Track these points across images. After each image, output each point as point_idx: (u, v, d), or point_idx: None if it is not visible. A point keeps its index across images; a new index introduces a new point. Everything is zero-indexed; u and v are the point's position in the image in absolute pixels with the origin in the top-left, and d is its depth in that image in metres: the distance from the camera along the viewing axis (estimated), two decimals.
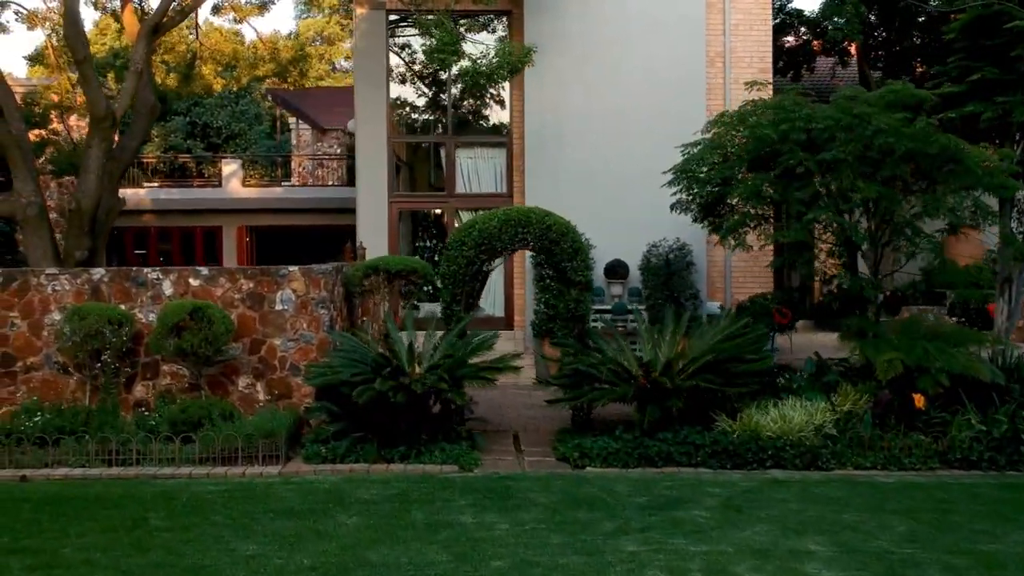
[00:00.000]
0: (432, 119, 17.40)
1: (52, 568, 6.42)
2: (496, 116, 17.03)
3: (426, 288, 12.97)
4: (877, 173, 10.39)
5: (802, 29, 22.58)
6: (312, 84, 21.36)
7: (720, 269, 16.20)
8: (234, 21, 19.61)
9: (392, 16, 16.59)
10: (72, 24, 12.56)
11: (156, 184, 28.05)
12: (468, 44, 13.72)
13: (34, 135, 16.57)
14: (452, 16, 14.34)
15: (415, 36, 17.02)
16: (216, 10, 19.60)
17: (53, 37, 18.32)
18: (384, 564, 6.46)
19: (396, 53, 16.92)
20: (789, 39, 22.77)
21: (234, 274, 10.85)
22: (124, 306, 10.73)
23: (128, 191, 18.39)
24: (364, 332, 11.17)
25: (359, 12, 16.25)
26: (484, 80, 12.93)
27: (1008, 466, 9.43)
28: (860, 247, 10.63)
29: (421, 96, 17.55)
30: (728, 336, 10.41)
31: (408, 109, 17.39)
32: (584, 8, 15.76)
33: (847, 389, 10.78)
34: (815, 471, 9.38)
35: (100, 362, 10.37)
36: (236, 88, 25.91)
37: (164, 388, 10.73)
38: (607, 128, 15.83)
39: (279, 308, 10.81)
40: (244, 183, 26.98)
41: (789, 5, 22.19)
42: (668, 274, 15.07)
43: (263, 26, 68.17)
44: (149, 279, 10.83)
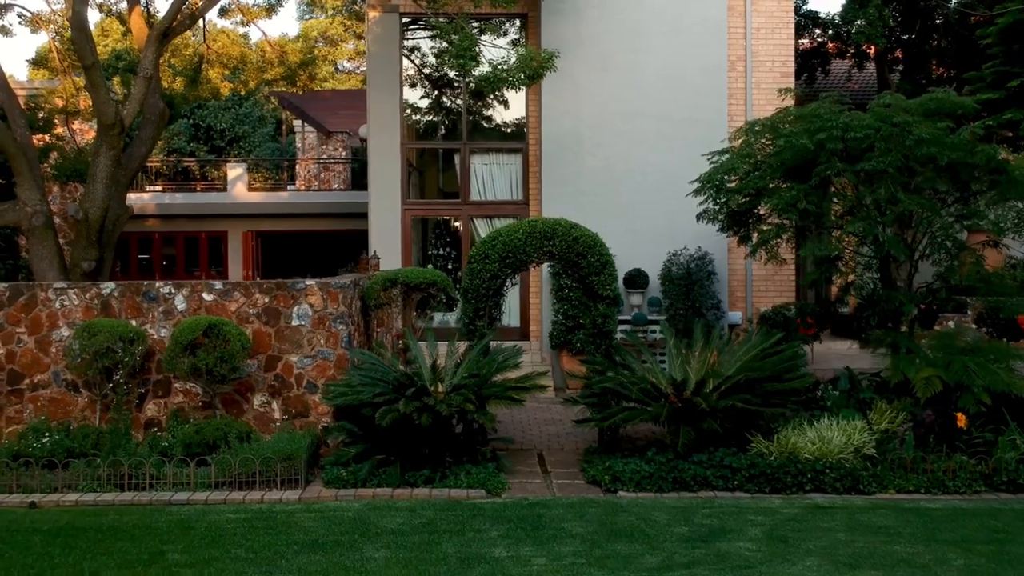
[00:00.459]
0: (446, 125, 17.01)
1: None
2: (512, 122, 16.64)
3: (440, 298, 12.57)
4: (916, 184, 10.03)
5: (816, 32, 22.22)
6: (317, 86, 20.95)
7: (740, 278, 15.82)
8: (241, 24, 19.16)
9: (405, 19, 16.19)
10: (79, 29, 12.17)
11: (159, 188, 27.65)
12: (484, 48, 13.28)
13: (37, 139, 16.17)
14: (467, 19, 13.98)
15: (430, 39, 16.66)
16: (223, 12, 19.23)
17: (57, 40, 17.92)
18: None
19: (408, 57, 16.52)
20: (803, 41, 22.39)
21: (249, 288, 10.47)
22: (135, 321, 10.36)
23: (132, 196, 17.97)
24: (384, 348, 10.79)
25: (372, 15, 15.87)
26: (506, 86, 12.54)
27: None
28: (899, 260, 10.25)
29: (435, 101, 17.16)
30: (763, 353, 10.04)
31: (422, 114, 17.00)
32: (602, 11, 15.38)
33: (882, 406, 10.43)
34: (856, 495, 9.02)
35: (111, 381, 10.00)
36: (244, 92, 25.52)
37: (176, 406, 10.36)
38: (625, 134, 15.45)
39: (296, 323, 10.43)
40: (250, 187, 26.57)
41: (804, 7, 21.82)
42: (689, 284, 14.69)
43: (269, 29, 67.94)
44: (161, 294, 10.46)
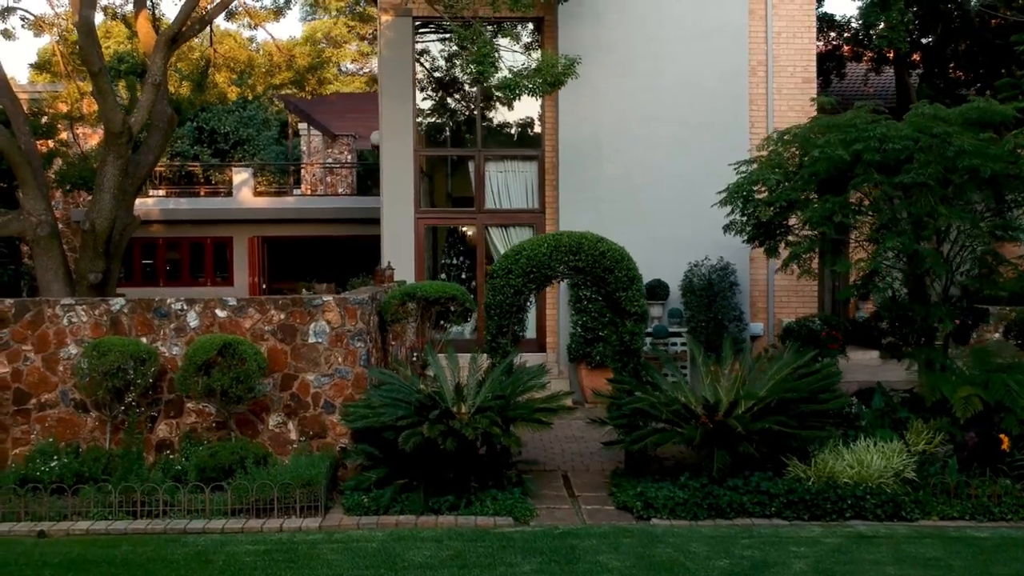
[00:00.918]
0: (460, 131, 16.64)
1: None
2: (528, 128, 16.27)
3: (454, 310, 12.23)
4: (957, 197, 9.68)
5: (832, 35, 21.86)
6: (325, 91, 20.60)
7: (762, 289, 15.45)
8: (248, 27, 18.81)
9: (418, 24, 15.82)
10: (86, 35, 11.80)
11: (163, 193, 27.29)
12: (501, 53, 12.91)
13: (40, 144, 15.80)
14: (480, 24, 13.61)
15: (444, 44, 16.30)
16: (230, 15, 18.85)
17: (61, 44, 17.55)
18: None
19: (420, 62, 16.15)
20: (818, 44, 22.02)
21: (264, 304, 10.10)
22: (146, 339, 10.00)
23: (136, 201, 17.53)
24: (402, 365, 10.43)
25: (384, 19, 15.50)
26: (526, 93, 12.17)
27: None
28: (938, 275, 9.90)
29: (449, 107, 16.80)
30: (798, 373, 9.68)
31: (435, 120, 16.62)
32: (621, 16, 15.01)
33: (918, 426, 10.08)
34: (899, 522, 8.67)
35: (122, 402, 9.64)
36: (251, 97, 25.14)
37: (189, 427, 10.00)
38: (644, 140, 15.09)
39: (312, 341, 10.07)
40: (255, 192, 26.22)
41: (819, 9, 21.43)
42: (711, 296, 14.32)
43: (275, 33, 67.48)
44: (172, 310, 10.09)
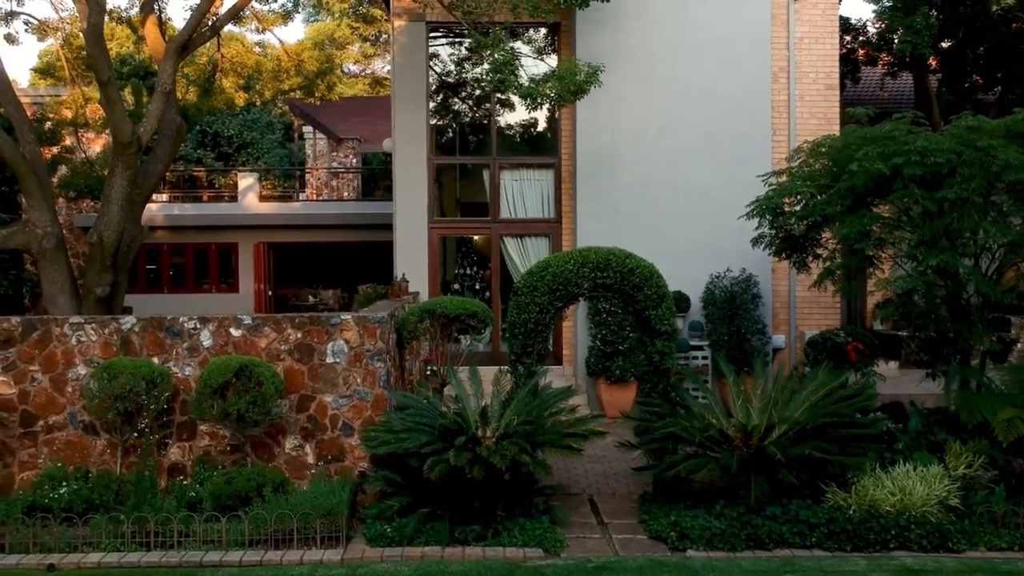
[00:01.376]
0: (475, 138, 16.27)
1: None
2: (544, 136, 15.91)
3: (474, 326, 11.89)
4: (1000, 213, 9.33)
5: (847, 38, 21.51)
6: (334, 96, 20.27)
7: (784, 300, 15.10)
8: (257, 31, 18.43)
9: (431, 28, 15.47)
10: (95, 43, 11.43)
11: (166, 198, 26.91)
12: (522, 62, 12.57)
13: (44, 151, 15.42)
14: (495, 29, 13.26)
15: (459, 50, 15.95)
16: (237, 19, 18.46)
17: (66, 48, 17.18)
18: None
19: (433, 68, 15.78)
20: None
21: (280, 323, 9.75)
22: (157, 359, 9.64)
23: (143, 211, 17.19)
24: (424, 387, 10.09)
25: (397, 24, 15.14)
26: (548, 102, 11.82)
27: None
28: (980, 294, 9.55)
29: (463, 114, 16.44)
30: (837, 395, 9.32)
31: (449, 128, 16.25)
32: (641, 21, 14.66)
33: (957, 448, 9.74)
34: (945, 554, 8.32)
35: (133, 426, 9.28)
36: (260, 102, 24.78)
37: (203, 450, 9.64)
38: (664, 148, 14.75)
39: (330, 361, 9.71)
40: (261, 198, 25.85)
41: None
42: (733, 309, 13.99)
43: (279, 35, 67.04)
44: (185, 329, 9.73)
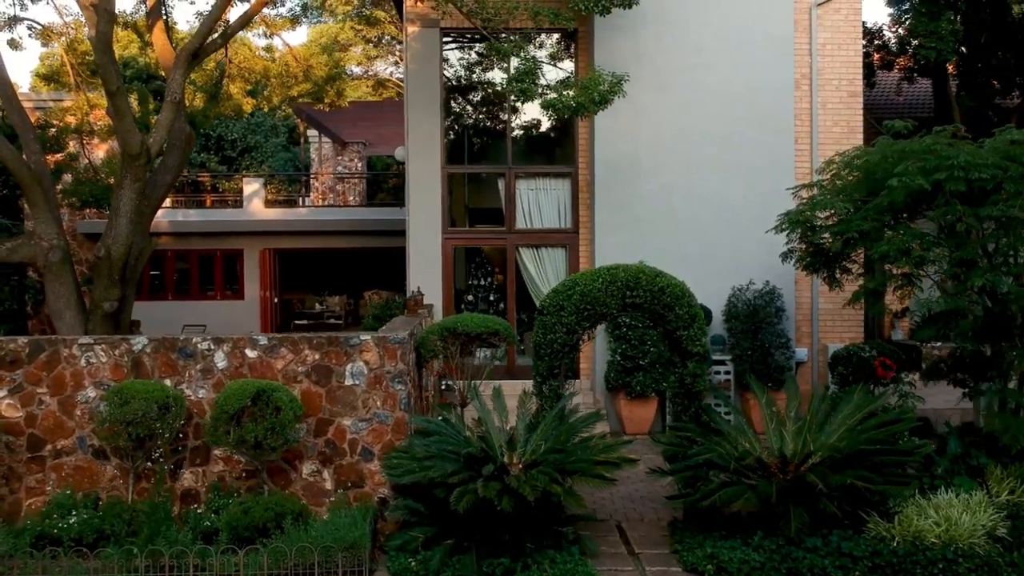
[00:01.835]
0: (490, 147, 15.90)
1: None
2: (561, 145, 15.55)
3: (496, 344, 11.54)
4: None
5: (862, 42, 21.16)
6: (340, 101, 19.89)
7: (806, 312, 14.75)
8: (265, 35, 18.06)
9: (445, 35, 15.11)
10: (104, 52, 11.06)
11: (170, 204, 26.54)
12: (543, 71, 12.20)
13: (48, 158, 15.04)
14: (510, 36, 12.92)
15: (474, 57, 15.60)
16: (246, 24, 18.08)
17: (70, 54, 16.81)
18: None
19: (448, 76, 15.41)
20: None
21: (297, 344, 9.39)
22: (170, 380, 9.29)
23: (151, 222, 16.84)
24: (447, 410, 9.73)
25: (411, 30, 14.77)
26: (572, 113, 11.46)
27: None
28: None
29: (478, 122, 16.09)
30: (877, 419, 8.97)
31: (463, 136, 15.88)
32: (660, 27, 14.30)
33: (998, 473, 9.40)
34: None
35: (145, 453, 8.94)
36: (268, 108, 24.40)
37: (217, 476, 9.29)
38: (685, 158, 14.40)
39: (349, 383, 9.35)
40: (267, 203, 25.49)
41: None
42: (756, 322, 13.65)
43: (284, 38, 66.47)
44: (199, 350, 9.38)
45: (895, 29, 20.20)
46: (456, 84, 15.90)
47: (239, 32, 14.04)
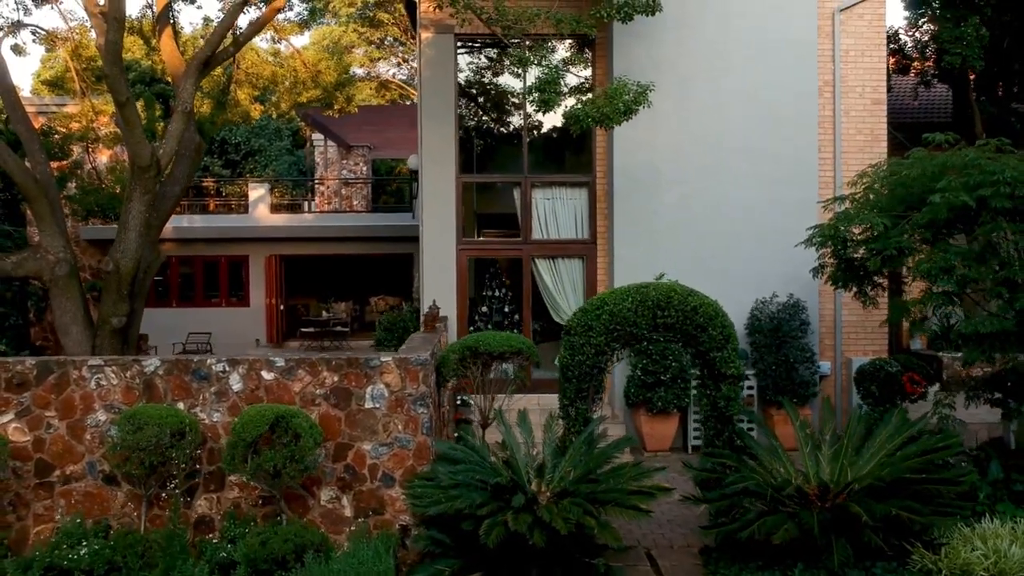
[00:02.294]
0: (506, 156, 15.53)
1: None
2: (578, 153, 15.19)
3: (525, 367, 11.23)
4: None
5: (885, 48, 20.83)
6: (350, 107, 19.55)
7: (830, 325, 14.40)
8: (273, 40, 17.72)
9: (459, 41, 14.77)
10: (113, 62, 10.70)
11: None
12: (565, 80, 11.87)
13: (52, 166, 14.69)
14: (525, 42, 12.59)
15: (489, 63, 15.26)
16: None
17: (75, 60, 16.46)
18: None
19: (463, 83, 15.05)
20: None
21: (315, 365, 9.05)
22: (183, 404, 8.95)
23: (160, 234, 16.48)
24: (471, 434, 9.39)
25: (424, 36, 14.43)
26: (597, 124, 11.11)
27: None
28: None
29: (493, 131, 15.74)
30: (920, 445, 8.63)
31: (478, 144, 15.51)
32: (680, 34, 13.96)
33: None
34: None
35: (159, 483, 8.60)
36: (276, 115, 24.07)
37: (232, 503, 8.95)
38: (705, 167, 14.05)
39: (369, 406, 9.02)
40: (273, 209, 25.15)
41: None
42: (780, 337, 13.30)
43: (293, 44, 66.07)
44: (213, 372, 9.03)
45: (911, 33, 19.83)
46: (471, 91, 15.55)
47: (238, 32, 13.65)
